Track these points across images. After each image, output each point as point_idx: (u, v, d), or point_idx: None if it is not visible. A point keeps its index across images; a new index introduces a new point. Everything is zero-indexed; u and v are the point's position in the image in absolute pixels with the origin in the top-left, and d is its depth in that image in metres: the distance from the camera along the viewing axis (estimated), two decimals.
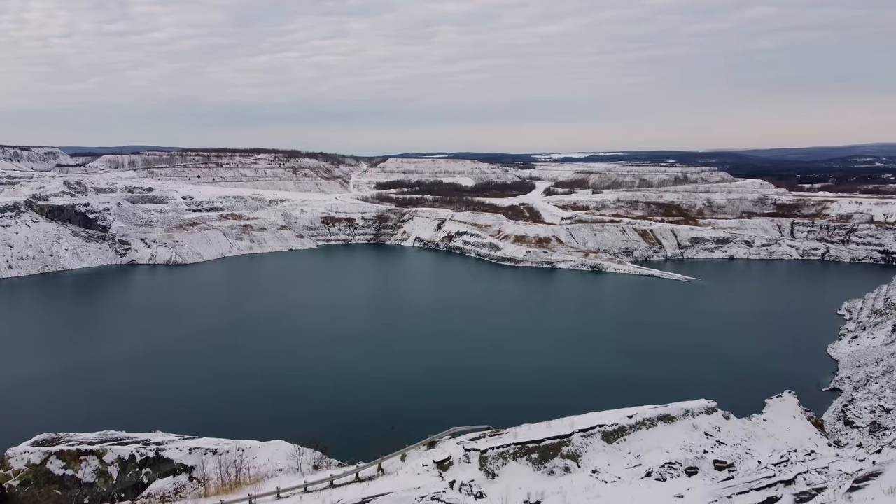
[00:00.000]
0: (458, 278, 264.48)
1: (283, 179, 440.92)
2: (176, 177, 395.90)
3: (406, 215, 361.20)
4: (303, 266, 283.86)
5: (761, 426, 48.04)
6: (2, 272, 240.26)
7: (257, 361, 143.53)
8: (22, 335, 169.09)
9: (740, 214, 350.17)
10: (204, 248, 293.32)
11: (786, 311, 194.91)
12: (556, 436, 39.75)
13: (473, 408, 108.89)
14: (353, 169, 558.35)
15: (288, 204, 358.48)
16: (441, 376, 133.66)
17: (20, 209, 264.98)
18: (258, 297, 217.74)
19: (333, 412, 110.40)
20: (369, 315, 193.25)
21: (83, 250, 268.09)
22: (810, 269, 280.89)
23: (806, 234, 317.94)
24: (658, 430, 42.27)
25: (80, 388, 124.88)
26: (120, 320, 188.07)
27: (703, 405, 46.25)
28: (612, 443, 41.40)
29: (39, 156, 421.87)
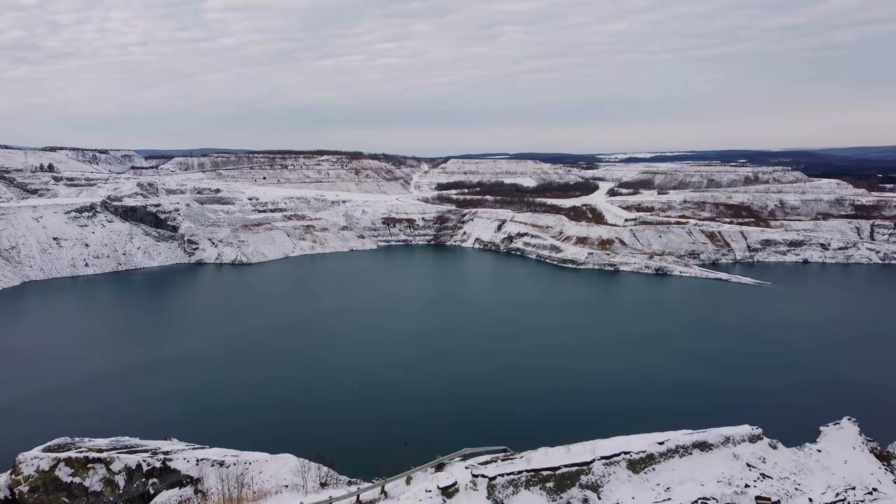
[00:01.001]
0: (517, 280, 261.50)
1: (346, 181, 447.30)
2: (242, 178, 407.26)
3: (466, 216, 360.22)
4: (362, 266, 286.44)
5: (814, 458, 43.18)
6: (79, 270, 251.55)
7: (291, 366, 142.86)
8: (82, 333, 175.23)
9: (815, 216, 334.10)
10: (268, 248, 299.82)
11: (862, 319, 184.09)
12: (574, 463, 36.19)
13: (498, 422, 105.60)
14: (414, 170, 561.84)
15: (349, 205, 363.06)
16: (472, 384, 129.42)
17: (96, 210, 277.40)
18: (314, 297, 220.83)
19: (351, 422, 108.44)
20: (421, 317, 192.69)
21: (154, 249, 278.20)
22: (892, 274, 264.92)
23: (887, 237, 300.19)
24: (693, 460, 38.04)
25: (115, 389, 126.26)
26: (177, 320, 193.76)
27: (745, 432, 41.30)
28: (638, 472, 37.46)
29: (116, 158, 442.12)
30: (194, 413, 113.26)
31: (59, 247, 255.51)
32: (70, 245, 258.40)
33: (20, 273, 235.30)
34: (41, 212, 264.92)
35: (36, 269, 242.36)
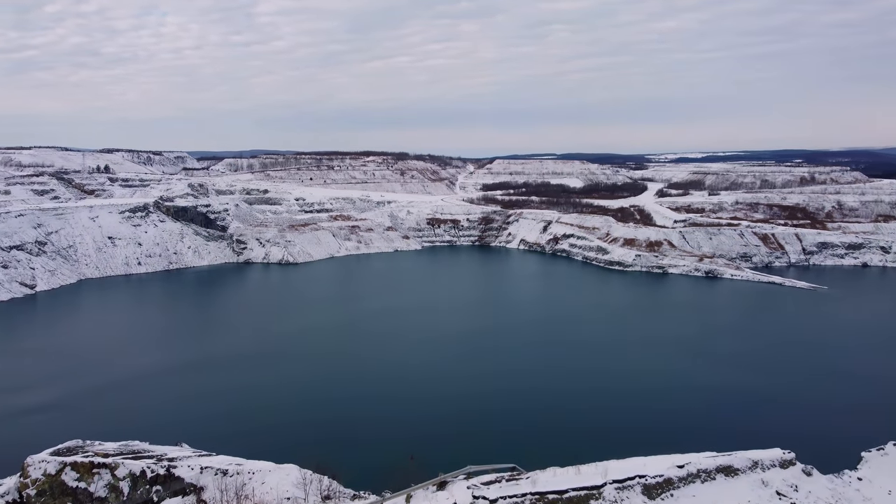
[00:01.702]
0: (561, 282, 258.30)
1: (391, 181, 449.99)
2: (290, 179, 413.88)
3: (511, 217, 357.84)
4: (406, 267, 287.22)
5: (854, 486, 39.33)
6: (132, 268, 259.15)
7: (321, 367, 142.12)
8: (129, 331, 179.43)
9: (875, 218, 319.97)
10: (314, 247, 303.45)
11: None
12: (584, 486, 33.46)
13: (512, 436, 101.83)
14: (459, 170, 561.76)
15: (394, 205, 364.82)
16: (493, 392, 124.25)
17: (149, 210, 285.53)
18: (357, 298, 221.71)
19: (365, 428, 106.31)
20: (457, 318, 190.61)
21: (204, 249, 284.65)
22: None
23: None
24: (716, 486, 34.72)
25: (145, 389, 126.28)
26: (222, 319, 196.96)
27: (776, 456, 37.45)
28: (654, 498, 34.33)
29: (169, 160, 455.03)
30: (212, 416, 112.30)
31: (114, 246, 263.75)
32: (124, 244, 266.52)
33: (77, 271, 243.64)
34: (97, 212, 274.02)
35: (92, 267, 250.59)
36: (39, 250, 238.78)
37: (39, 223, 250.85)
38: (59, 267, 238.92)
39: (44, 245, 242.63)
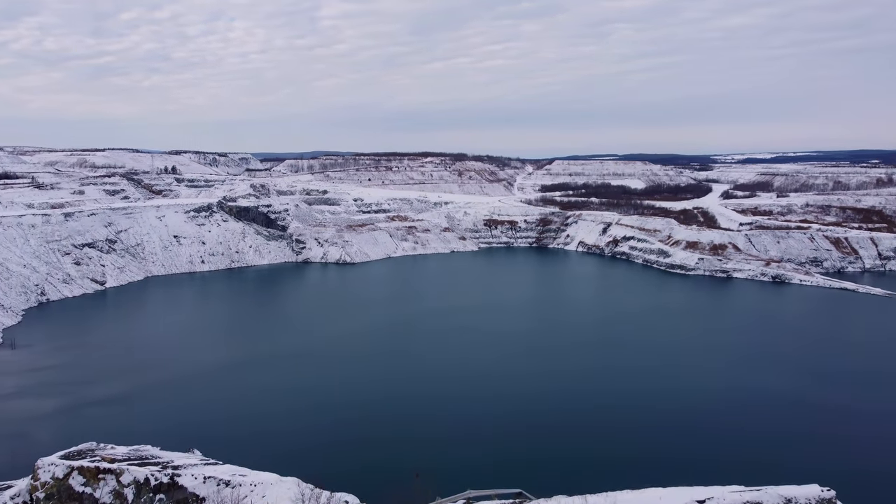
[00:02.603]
0: (620, 285, 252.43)
1: (449, 182, 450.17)
2: (349, 180, 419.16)
3: (570, 219, 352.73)
4: (462, 268, 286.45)
5: None
6: (196, 266, 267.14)
7: (358, 369, 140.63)
8: (186, 328, 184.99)
9: None
10: (371, 248, 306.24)
11: None
12: None
13: (530, 455, 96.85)
14: (518, 171, 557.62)
15: (452, 206, 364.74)
16: (521, 405, 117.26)
17: (213, 210, 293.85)
18: (411, 298, 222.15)
19: (378, 437, 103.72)
20: (508, 321, 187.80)
21: (264, 248, 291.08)
22: None
23: None
24: None
25: (181, 389, 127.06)
26: (278, 317, 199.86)
27: (813, 493, 33.05)
28: None
29: (234, 161, 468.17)
30: (236, 420, 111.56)
31: (179, 244, 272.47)
32: (188, 243, 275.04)
33: (144, 268, 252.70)
34: (164, 211, 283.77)
35: (158, 264, 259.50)
36: (110, 248, 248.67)
37: (110, 222, 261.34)
38: (127, 264, 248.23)
39: (114, 243, 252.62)
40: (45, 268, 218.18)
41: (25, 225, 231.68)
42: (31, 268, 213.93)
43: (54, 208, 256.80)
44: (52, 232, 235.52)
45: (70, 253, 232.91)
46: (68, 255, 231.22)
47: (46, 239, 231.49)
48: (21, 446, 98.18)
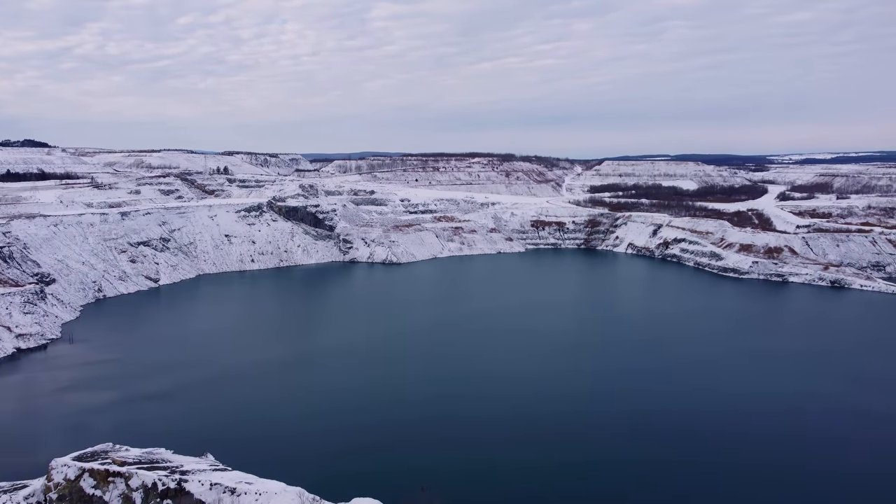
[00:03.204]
0: (670, 289, 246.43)
1: (496, 183, 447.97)
2: (396, 180, 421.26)
3: (619, 220, 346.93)
4: (508, 269, 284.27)
5: None
6: (245, 265, 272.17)
7: (389, 371, 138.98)
8: (233, 327, 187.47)
9: None
10: (417, 248, 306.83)
11: None
12: None
13: (548, 475, 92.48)
14: (566, 172, 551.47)
15: (498, 207, 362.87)
16: (553, 423, 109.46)
17: (263, 209, 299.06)
18: (455, 299, 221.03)
19: (398, 444, 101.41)
20: (554, 323, 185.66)
21: (312, 247, 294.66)
22: None
23: None
24: None
25: (215, 388, 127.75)
26: (321, 317, 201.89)
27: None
28: None
29: (284, 162, 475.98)
30: (260, 421, 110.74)
31: (230, 243, 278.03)
32: (239, 242, 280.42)
33: (196, 266, 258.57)
34: (215, 210, 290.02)
35: (209, 263, 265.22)
36: (163, 246, 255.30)
37: (164, 221, 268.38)
38: (180, 262, 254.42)
39: (167, 241, 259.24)
40: (102, 265, 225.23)
41: (85, 224, 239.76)
42: (90, 265, 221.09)
43: (112, 207, 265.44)
44: (109, 230, 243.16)
45: (126, 251, 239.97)
46: (124, 253, 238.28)
47: (104, 237, 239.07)
48: (70, 438, 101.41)
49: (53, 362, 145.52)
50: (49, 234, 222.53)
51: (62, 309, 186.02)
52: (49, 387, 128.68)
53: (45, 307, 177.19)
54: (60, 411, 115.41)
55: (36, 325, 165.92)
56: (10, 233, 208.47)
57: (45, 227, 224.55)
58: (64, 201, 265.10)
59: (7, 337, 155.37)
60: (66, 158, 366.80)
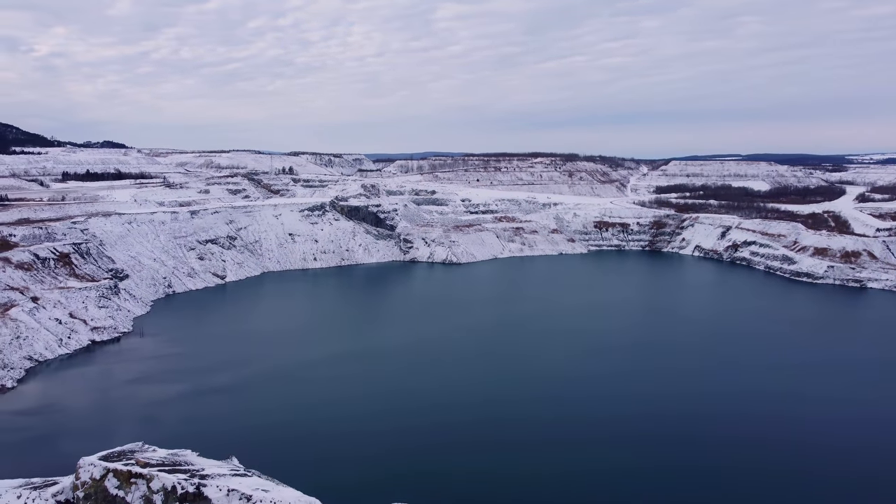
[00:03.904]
0: (738, 293, 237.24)
1: (558, 183, 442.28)
2: (457, 180, 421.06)
3: (686, 221, 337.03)
4: (569, 270, 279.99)
5: None
6: (308, 263, 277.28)
7: (435, 372, 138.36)
8: (293, 323, 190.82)
9: None
10: (477, 248, 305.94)
11: None
12: None
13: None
14: (631, 172, 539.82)
15: (560, 208, 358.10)
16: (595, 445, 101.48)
17: (325, 209, 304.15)
18: (512, 300, 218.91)
19: (439, 451, 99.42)
20: (615, 326, 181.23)
21: (373, 247, 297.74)
22: None
23: None
24: None
25: (267, 386, 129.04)
26: (379, 315, 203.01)
27: None
28: None
29: (348, 162, 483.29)
30: (301, 423, 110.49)
31: (293, 242, 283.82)
32: (302, 240, 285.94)
33: (261, 264, 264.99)
34: (280, 210, 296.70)
35: (274, 261, 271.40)
36: (230, 244, 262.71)
37: (231, 220, 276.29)
38: (246, 260, 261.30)
39: (234, 240, 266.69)
40: (172, 262, 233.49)
41: (156, 222, 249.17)
42: (161, 262, 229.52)
43: (182, 206, 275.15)
44: (179, 228, 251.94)
45: (195, 248, 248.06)
46: (193, 251, 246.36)
47: (174, 235, 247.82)
48: (128, 431, 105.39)
49: (125, 355, 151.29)
50: (123, 231, 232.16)
51: (134, 304, 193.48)
52: (119, 379, 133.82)
53: (118, 302, 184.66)
54: (129, 403, 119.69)
55: (109, 318, 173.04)
56: (88, 230, 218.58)
57: (120, 224, 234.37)
58: (138, 200, 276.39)
59: (83, 329, 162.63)
60: (140, 159, 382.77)
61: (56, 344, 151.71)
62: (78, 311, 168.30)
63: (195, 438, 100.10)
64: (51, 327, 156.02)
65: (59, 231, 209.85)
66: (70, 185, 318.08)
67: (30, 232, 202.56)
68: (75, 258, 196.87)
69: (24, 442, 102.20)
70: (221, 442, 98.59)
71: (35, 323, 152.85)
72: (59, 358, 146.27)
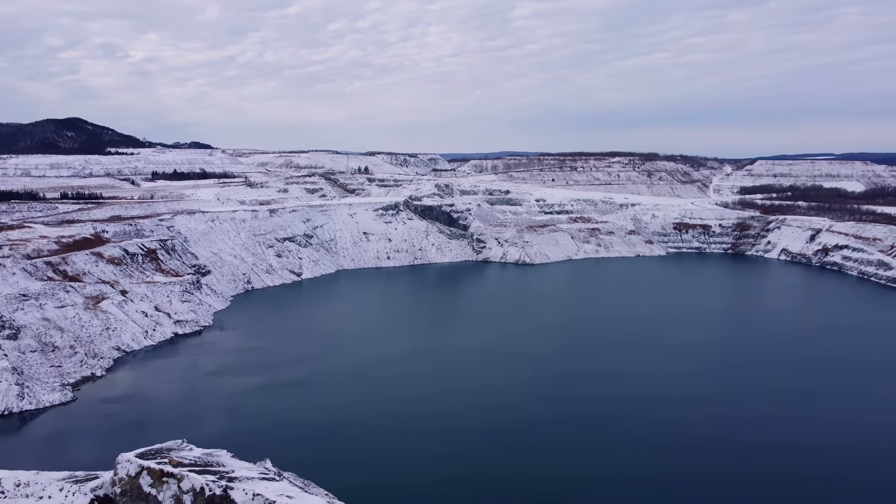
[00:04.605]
0: (830, 301, 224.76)
1: (636, 183, 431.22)
2: (532, 180, 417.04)
3: (772, 224, 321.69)
4: (647, 273, 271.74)
5: None
6: (381, 262, 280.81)
7: (493, 374, 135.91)
8: (365, 321, 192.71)
9: None
10: (551, 249, 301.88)
11: None
12: None
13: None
14: (714, 172, 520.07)
15: (638, 208, 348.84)
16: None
17: (399, 208, 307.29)
18: (586, 303, 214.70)
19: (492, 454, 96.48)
20: (694, 334, 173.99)
21: (446, 246, 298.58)
22: None
23: None
24: None
25: (331, 382, 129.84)
26: (448, 316, 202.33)
27: None
28: None
29: (423, 161, 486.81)
30: (358, 420, 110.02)
31: (367, 240, 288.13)
32: (376, 239, 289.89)
33: (335, 262, 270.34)
34: (355, 209, 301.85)
35: (348, 259, 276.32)
36: (307, 242, 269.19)
37: (308, 218, 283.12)
38: (321, 258, 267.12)
39: (310, 238, 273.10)
40: (251, 259, 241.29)
41: (238, 220, 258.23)
42: (241, 258, 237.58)
43: (262, 205, 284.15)
44: (258, 226, 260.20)
45: (273, 246, 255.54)
46: (271, 248, 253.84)
47: (254, 233, 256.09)
48: (217, 421, 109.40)
49: (205, 348, 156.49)
50: (206, 228, 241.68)
51: (215, 298, 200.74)
52: (199, 371, 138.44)
53: (200, 296, 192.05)
54: (208, 395, 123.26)
55: (192, 312, 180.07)
56: (174, 227, 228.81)
57: (203, 222, 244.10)
58: (220, 199, 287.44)
59: (167, 322, 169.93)
60: (224, 159, 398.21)
61: (142, 336, 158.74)
62: (162, 305, 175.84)
63: (267, 432, 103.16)
64: (137, 320, 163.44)
65: (147, 228, 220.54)
66: (158, 184, 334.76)
67: (121, 228, 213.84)
68: (161, 254, 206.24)
69: (112, 428, 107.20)
70: (294, 437, 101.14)
71: (123, 315, 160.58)
72: (145, 349, 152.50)
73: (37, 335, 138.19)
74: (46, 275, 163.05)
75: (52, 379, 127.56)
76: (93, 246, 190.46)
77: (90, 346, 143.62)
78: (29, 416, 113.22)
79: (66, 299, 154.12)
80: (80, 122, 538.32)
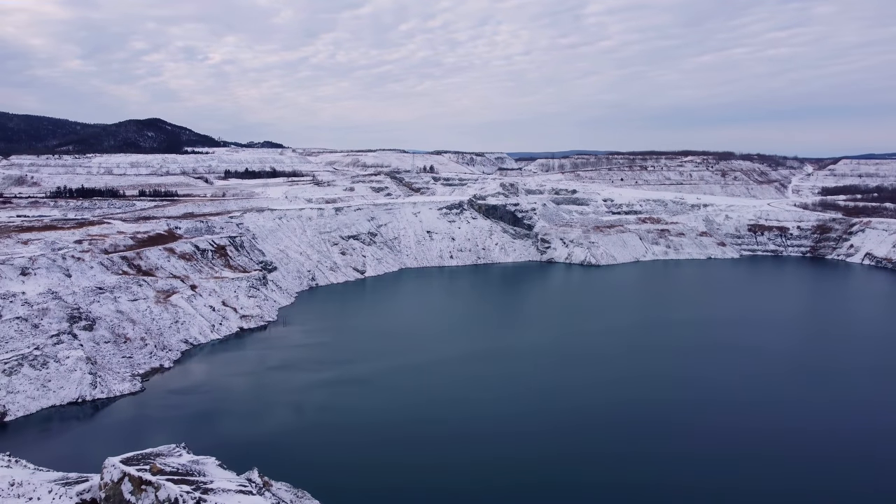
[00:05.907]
0: None
1: (710, 183, 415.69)
2: (600, 179, 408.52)
3: (855, 226, 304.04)
4: (719, 276, 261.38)
5: None
6: (444, 261, 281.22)
7: (542, 386, 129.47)
8: (424, 320, 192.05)
9: None
10: (618, 250, 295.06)
11: None
12: None
13: None
14: (793, 172, 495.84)
15: (711, 209, 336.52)
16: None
17: (463, 207, 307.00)
18: (653, 306, 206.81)
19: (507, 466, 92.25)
20: (769, 341, 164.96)
21: (510, 246, 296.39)
22: None
23: None
24: None
25: (384, 382, 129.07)
26: (510, 317, 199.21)
27: None
28: None
29: (490, 160, 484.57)
30: (418, 420, 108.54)
31: (431, 239, 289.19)
32: (439, 238, 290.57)
33: (399, 260, 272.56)
34: (419, 208, 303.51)
35: (411, 257, 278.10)
36: (371, 240, 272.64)
37: (372, 216, 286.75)
38: (385, 256, 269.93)
39: (374, 236, 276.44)
40: (316, 256, 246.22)
41: (304, 217, 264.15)
42: (306, 255, 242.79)
43: (328, 203, 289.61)
44: (324, 224, 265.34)
45: (337, 244, 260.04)
46: (336, 246, 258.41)
47: (320, 230, 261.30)
48: (278, 416, 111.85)
49: (270, 342, 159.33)
50: (274, 226, 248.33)
51: (280, 294, 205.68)
52: (263, 365, 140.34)
53: (265, 292, 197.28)
54: (270, 389, 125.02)
55: (257, 307, 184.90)
56: (243, 224, 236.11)
57: (271, 220, 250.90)
58: (288, 197, 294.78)
59: (233, 317, 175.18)
60: (294, 158, 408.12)
61: (209, 329, 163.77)
62: (229, 300, 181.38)
63: (321, 429, 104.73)
64: (205, 314, 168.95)
65: (217, 224, 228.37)
66: (230, 182, 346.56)
67: (193, 225, 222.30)
68: (230, 250, 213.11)
69: (179, 419, 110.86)
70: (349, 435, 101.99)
71: (192, 309, 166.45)
72: (211, 343, 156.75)
73: (110, 327, 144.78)
74: (122, 269, 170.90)
75: (123, 369, 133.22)
76: (166, 242, 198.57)
77: (160, 338, 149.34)
78: (101, 404, 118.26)
79: (139, 293, 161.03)
80: (159, 122, 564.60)
